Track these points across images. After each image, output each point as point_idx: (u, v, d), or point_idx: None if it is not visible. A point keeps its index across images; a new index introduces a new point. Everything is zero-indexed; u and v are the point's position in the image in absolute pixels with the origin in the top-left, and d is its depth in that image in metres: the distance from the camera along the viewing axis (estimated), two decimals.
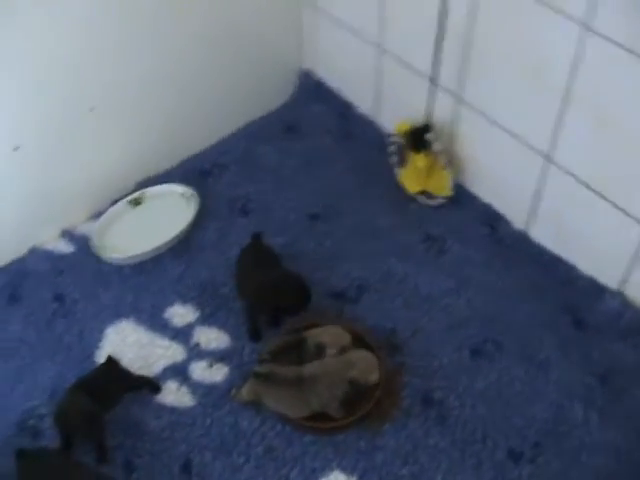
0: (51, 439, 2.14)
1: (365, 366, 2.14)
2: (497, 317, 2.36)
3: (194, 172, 2.80)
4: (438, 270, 2.49)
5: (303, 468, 2.11)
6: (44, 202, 2.52)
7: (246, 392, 2.19)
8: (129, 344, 2.37)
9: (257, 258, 2.40)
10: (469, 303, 2.40)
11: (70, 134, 2.46)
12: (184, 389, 2.27)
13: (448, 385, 2.23)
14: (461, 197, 2.64)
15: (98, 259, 2.55)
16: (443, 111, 2.54)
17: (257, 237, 2.43)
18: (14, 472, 2.01)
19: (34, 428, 2.19)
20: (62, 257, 2.58)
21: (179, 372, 2.31)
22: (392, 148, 2.65)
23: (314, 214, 2.66)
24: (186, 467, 2.12)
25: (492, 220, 2.58)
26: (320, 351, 2.20)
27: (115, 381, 2.21)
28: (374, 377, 2.15)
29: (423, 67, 2.50)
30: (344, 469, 2.10)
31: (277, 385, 2.12)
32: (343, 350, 2.20)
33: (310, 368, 2.14)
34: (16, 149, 2.34)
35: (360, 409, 2.15)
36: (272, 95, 2.97)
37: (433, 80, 2.47)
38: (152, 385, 2.27)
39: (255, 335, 2.35)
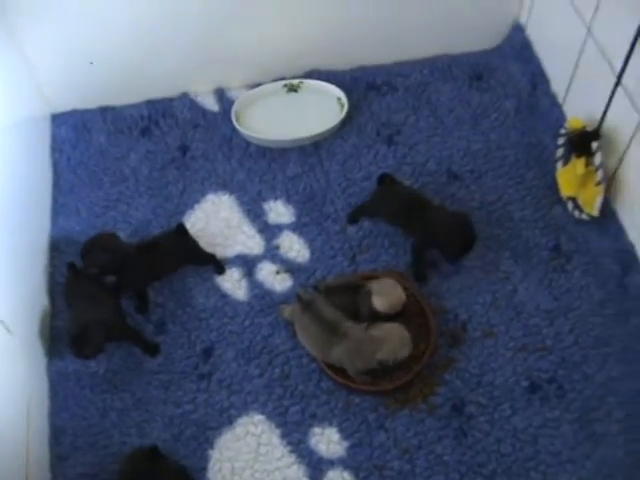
0: None
1: (396, 343, 2.00)
2: (580, 365, 2.09)
3: (361, 82, 2.67)
4: (547, 285, 2.23)
5: (305, 409, 2.07)
6: (207, 54, 2.53)
7: (287, 311, 2.15)
8: (219, 218, 2.40)
9: (415, 197, 2.28)
10: (558, 335, 2.13)
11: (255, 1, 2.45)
12: (243, 283, 2.28)
13: (487, 405, 2.04)
14: (608, 223, 2.29)
15: (233, 128, 2.55)
16: (620, 120, 2.18)
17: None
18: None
19: None
20: (204, 112, 2.61)
21: (248, 265, 2.32)
22: (561, 140, 2.34)
23: (454, 172, 2.44)
24: (207, 352, 2.16)
25: (627, 262, 2.23)
26: (371, 305, 2.09)
27: (178, 250, 2.25)
28: (404, 352, 2.01)
29: (616, 64, 2.15)
30: (342, 431, 2.03)
31: (310, 318, 2.05)
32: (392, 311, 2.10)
33: (347, 328, 2.03)
34: None
35: (386, 379, 2.06)
36: (476, 37, 2.71)
37: (619, 79, 2.12)
38: (217, 265, 2.30)
39: (420, 275, 2.25)
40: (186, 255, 2.28)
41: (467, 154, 2.48)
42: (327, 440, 2.04)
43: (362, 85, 2.64)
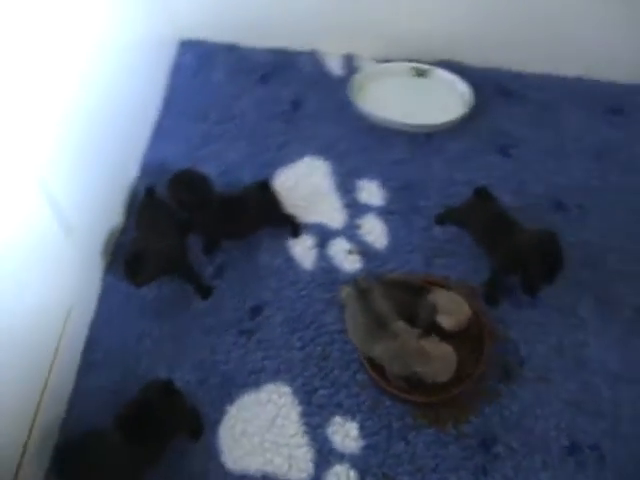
0: None
1: (440, 366, 1.89)
2: (630, 441, 1.88)
3: (492, 84, 2.52)
4: (622, 347, 2.03)
5: (333, 395, 1.98)
6: (344, 18, 2.46)
7: (345, 292, 2.07)
8: (310, 182, 2.35)
9: (504, 219, 2.13)
10: (616, 403, 1.93)
11: None
12: (313, 252, 2.23)
13: (518, 451, 1.89)
14: None
15: (349, 99, 2.47)
16: None
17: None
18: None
19: None
20: (327, 74, 2.56)
21: (323, 236, 2.26)
22: None
23: (560, 202, 2.26)
24: (256, 310, 2.12)
25: None
26: (431, 316, 1.99)
27: (260, 207, 2.20)
28: (443, 378, 1.90)
29: None
30: (363, 428, 1.94)
31: (362, 308, 1.96)
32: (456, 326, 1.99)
33: (398, 329, 1.91)
34: None
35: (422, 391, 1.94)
36: (627, 67, 2.48)
37: None
38: (294, 228, 2.25)
39: (491, 298, 2.11)
40: (266, 213, 2.22)
41: (580, 188, 2.31)
42: (345, 433, 1.96)
43: (492, 87, 2.51)
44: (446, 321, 1.99)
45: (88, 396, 2.06)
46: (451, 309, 2.00)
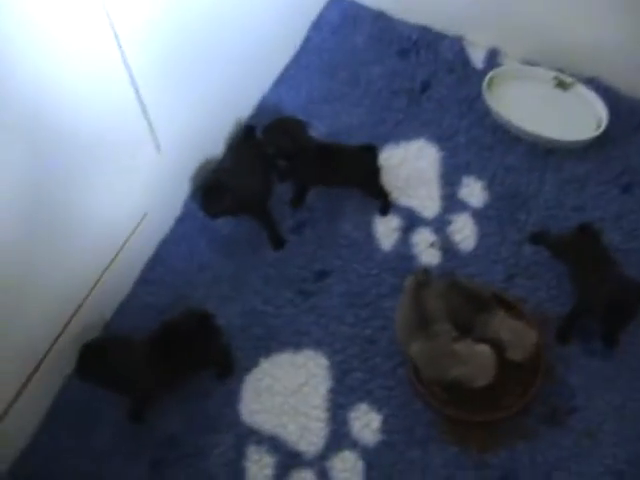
0: None
1: (476, 369, 1.76)
2: None
3: (638, 115, 2.29)
4: None
5: (368, 381, 1.92)
6: (502, 12, 2.32)
7: (409, 280, 1.94)
8: (415, 166, 2.25)
9: (603, 259, 1.96)
10: None
11: None
12: (396, 234, 2.14)
13: None
14: None
15: (481, 91, 2.33)
16: None
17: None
18: None
19: None
20: (466, 63, 2.42)
21: (411, 221, 2.17)
22: None
23: None
24: (321, 275, 2.09)
25: None
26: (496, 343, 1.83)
27: (358, 167, 2.13)
28: (481, 381, 1.77)
29: None
30: (385, 423, 1.87)
31: (411, 300, 1.85)
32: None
33: (437, 331, 1.80)
34: None
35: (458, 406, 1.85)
36: None
37: None
38: (385, 204, 2.16)
39: (563, 336, 1.95)
40: (363, 174, 2.16)
41: None
42: (366, 422, 1.89)
43: (636, 120, 2.28)
44: (516, 354, 1.83)
45: (136, 309, 2.09)
46: (517, 342, 1.84)
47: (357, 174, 2.16)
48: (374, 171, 2.17)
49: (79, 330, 1.94)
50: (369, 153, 2.14)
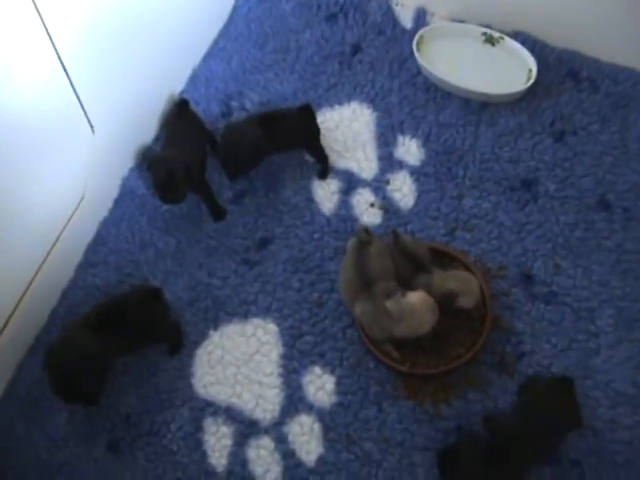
0: None
1: (416, 320, 1.76)
2: (614, 465, 1.76)
3: (565, 66, 2.30)
4: (634, 367, 1.87)
5: (318, 344, 1.92)
6: None
7: (351, 241, 1.94)
8: (350, 128, 2.25)
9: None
10: (613, 423, 1.79)
11: None
12: (335, 197, 2.15)
13: None
14: None
15: (412, 50, 2.33)
16: None
17: None
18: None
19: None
20: (395, 24, 2.42)
21: (350, 183, 2.17)
22: None
23: (606, 201, 2.08)
24: (264, 242, 2.09)
25: None
26: (450, 300, 1.85)
27: (299, 127, 2.13)
28: (422, 330, 1.78)
29: None
30: (339, 384, 1.87)
31: (354, 261, 1.85)
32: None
33: (377, 290, 1.81)
34: None
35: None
36: None
37: None
38: (323, 167, 2.16)
39: None
40: (305, 137, 2.15)
41: (632, 190, 2.12)
42: (320, 385, 1.90)
43: (564, 69, 2.31)
44: (467, 301, 1.85)
45: (82, 292, 2.06)
46: (464, 289, 1.86)
47: (300, 135, 2.15)
48: (315, 130, 2.17)
49: (26, 319, 1.91)
50: (307, 113, 2.14)
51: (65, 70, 1.80)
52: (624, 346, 1.92)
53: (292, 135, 2.14)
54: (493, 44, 2.36)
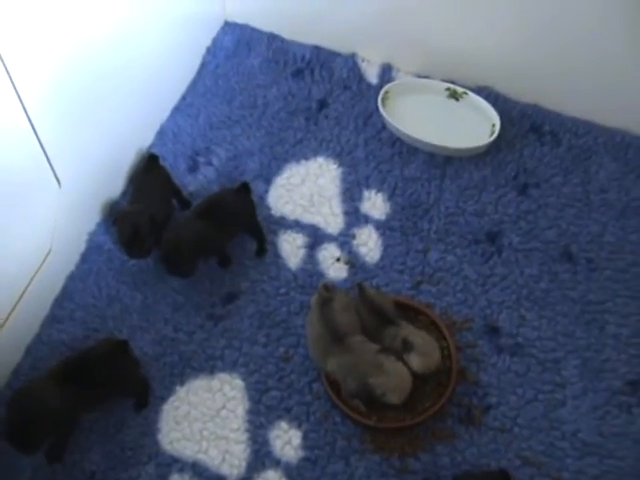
0: None
1: (393, 383, 1.78)
2: None
3: (527, 120, 2.36)
4: (600, 417, 1.88)
5: (285, 399, 1.91)
6: (390, 27, 2.38)
7: (314, 297, 1.94)
8: (316, 183, 2.27)
9: None
10: (579, 475, 1.79)
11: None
12: (301, 252, 2.16)
13: None
14: None
15: (377, 106, 2.38)
16: None
17: None
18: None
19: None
20: (360, 79, 2.46)
21: (316, 238, 2.18)
22: None
23: (570, 252, 2.12)
24: (230, 297, 2.06)
25: None
26: (406, 347, 1.86)
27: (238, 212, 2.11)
28: (395, 398, 1.79)
29: None
30: (306, 439, 1.85)
31: (320, 317, 1.86)
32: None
33: (354, 343, 1.82)
34: None
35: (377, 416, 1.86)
36: None
37: None
38: (261, 245, 2.14)
39: None
40: (242, 219, 2.12)
41: (595, 241, 2.15)
42: (287, 440, 1.89)
43: (527, 124, 2.37)
44: (416, 362, 1.86)
45: (47, 348, 2.03)
46: (424, 351, 1.87)
47: (238, 219, 2.12)
48: (251, 207, 2.14)
49: None
50: (243, 193, 2.12)
51: (31, 124, 1.80)
52: (590, 396, 1.93)
53: (232, 223, 2.10)
54: (457, 99, 2.41)
